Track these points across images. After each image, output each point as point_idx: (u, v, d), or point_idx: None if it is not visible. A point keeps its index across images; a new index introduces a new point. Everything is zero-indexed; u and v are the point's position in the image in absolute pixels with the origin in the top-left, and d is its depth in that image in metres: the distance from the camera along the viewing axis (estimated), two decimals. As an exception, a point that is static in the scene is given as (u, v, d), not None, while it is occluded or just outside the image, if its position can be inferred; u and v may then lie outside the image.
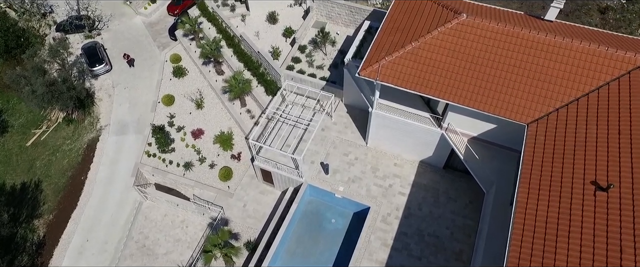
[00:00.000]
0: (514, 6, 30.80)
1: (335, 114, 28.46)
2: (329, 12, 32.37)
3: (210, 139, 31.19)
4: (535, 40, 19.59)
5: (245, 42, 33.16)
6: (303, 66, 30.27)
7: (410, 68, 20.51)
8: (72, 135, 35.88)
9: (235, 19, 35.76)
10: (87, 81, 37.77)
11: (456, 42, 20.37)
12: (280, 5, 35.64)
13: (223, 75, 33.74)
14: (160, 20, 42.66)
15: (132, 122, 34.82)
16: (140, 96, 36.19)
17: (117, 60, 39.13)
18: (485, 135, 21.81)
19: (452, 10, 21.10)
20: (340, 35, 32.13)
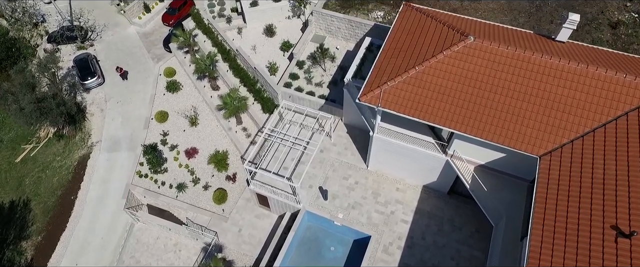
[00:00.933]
0: (521, 20, 29.53)
1: (334, 134, 27.22)
2: (328, 26, 31.12)
3: (205, 159, 29.96)
4: (548, 65, 18.32)
5: (241, 57, 31.94)
6: (301, 83, 29.03)
7: (414, 94, 19.27)
8: (62, 151, 34.68)
9: (232, 31, 34.52)
10: (78, 95, 36.57)
11: (463, 67, 19.12)
12: (278, 17, 34.41)
13: (218, 91, 32.52)
14: (155, 31, 41.48)
15: (125, 138, 33.63)
16: (134, 110, 35.00)
17: (110, 72, 37.95)
18: (493, 163, 20.57)
19: (458, 32, 19.84)
20: (340, 50, 30.89)
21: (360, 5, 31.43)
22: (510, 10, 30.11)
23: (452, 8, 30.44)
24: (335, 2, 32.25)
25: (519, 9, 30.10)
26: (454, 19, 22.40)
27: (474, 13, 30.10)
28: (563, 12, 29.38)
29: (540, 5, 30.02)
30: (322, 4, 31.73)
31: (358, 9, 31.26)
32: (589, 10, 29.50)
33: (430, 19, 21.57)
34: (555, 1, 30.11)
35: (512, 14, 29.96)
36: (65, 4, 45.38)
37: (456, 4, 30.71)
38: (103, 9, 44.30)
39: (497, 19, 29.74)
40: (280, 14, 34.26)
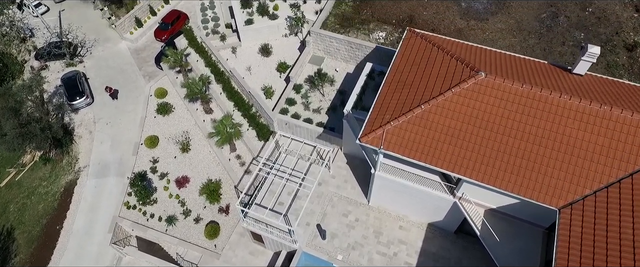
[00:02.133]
0: (531, 41, 27.85)
1: (333, 165, 25.58)
2: (326, 47, 29.48)
3: (196, 188, 28.33)
4: (567, 106, 16.68)
5: (235, 79, 30.33)
6: (298, 109, 27.40)
7: (420, 135, 17.63)
8: (49, 176, 33.08)
9: (226, 50, 32.89)
10: (66, 116, 35.03)
11: (473, 106, 17.48)
12: (274, 35, 32.79)
13: (211, 114, 30.89)
14: (147, 46, 39.86)
15: (114, 162, 32.02)
16: (123, 133, 33.40)
17: (99, 91, 36.36)
18: (506, 208, 18.93)
19: (467, 66, 18.19)
20: (339, 72, 29.25)
21: (360, 25, 29.78)
22: (519, 31, 28.44)
23: (457, 28, 28.80)
24: (335, 21, 30.60)
25: (529, 29, 28.43)
26: (460, 48, 20.76)
27: (481, 34, 28.45)
28: (576, 33, 27.84)
29: (551, 26, 28.34)
30: (320, 22, 30.07)
31: (358, 29, 29.60)
32: (603, 31, 27.83)
33: (437, 48, 19.93)
34: (567, 21, 28.43)
35: (522, 34, 28.29)
36: (55, 17, 43.98)
37: (462, 24, 29.05)
38: (94, 22, 42.74)
39: (505, 40, 28.09)
40: (276, 32, 32.65)
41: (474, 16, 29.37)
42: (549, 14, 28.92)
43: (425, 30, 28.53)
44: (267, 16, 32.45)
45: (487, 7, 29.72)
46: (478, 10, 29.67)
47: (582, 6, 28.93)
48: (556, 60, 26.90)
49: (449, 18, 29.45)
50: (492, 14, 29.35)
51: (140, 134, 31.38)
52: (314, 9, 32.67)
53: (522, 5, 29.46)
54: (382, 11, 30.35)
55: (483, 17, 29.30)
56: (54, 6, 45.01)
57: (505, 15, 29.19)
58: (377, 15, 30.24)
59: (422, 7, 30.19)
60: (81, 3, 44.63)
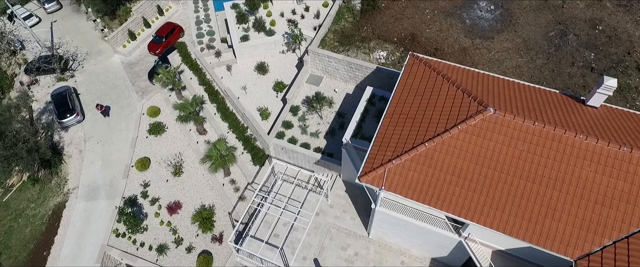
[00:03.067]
0: (539, 62, 26.62)
1: (332, 193, 24.35)
2: (325, 67, 28.26)
3: (189, 214, 27.10)
4: (583, 146, 15.45)
5: (230, 99, 29.12)
6: (295, 132, 26.18)
7: (424, 175, 16.41)
8: (37, 197, 31.85)
9: (220, 68, 31.69)
10: (56, 134, 33.82)
11: (481, 144, 16.25)
12: (271, 52, 31.60)
13: (205, 135, 29.66)
14: (140, 60, 38.65)
15: (104, 184, 30.78)
16: (114, 153, 32.16)
17: (91, 107, 35.14)
18: (515, 251, 17.71)
19: (474, 100, 16.96)
20: (338, 92, 28.03)
21: (360, 43, 28.57)
22: (526, 50, 27.20)
23: (462, 47, 27.58)
24: (334, 38, 29.42)
25: (536, 48, 27.20)
26: (466, 76, 19.54)
27: (486, 53, 27.22)
28: (585, 53, 26.60)
29: (560, 45, 27.12)
30: (318, 40, 28.87)
31: (358, 47, 28.39)
32: (614, 51, 26.60)
33: (441, 78, 18.70)
34: (576, 40, 27.20)
35: (529, 54, 27.06)
36: (46, 29, 42.80)
37: (467, 43, 27.83)
38: (87, 34, 41.58)
39: (512, 60, 26.86)
40: (273, 49, 31.46)
41: (479, 34, 28.15)
42: (557, 32, 27.70)
43: (428, 49, 27.56)
44: (263, 32, 31.26)
45: (493, 25, 28.50)
46: (483, 27, 28.45)
47: (592, 24, 27.71)
48: (565, 82, 25.68)
49: (453, 36, 28.24)
50: (498, 32, 28.13)
51: (131, 156, 30.16)
52: (312, 25, 31.50)
53: (529, 23, 28.23)
54: (383, 28, 29.14)
55: (488, 35, 28.07)
56: (46, 17, 43.90)
57: (512, 33, 27.97)
58: (378, 32, 29.03)
59: (425, 25, 28.97)
60: (74, 14, 43.52)
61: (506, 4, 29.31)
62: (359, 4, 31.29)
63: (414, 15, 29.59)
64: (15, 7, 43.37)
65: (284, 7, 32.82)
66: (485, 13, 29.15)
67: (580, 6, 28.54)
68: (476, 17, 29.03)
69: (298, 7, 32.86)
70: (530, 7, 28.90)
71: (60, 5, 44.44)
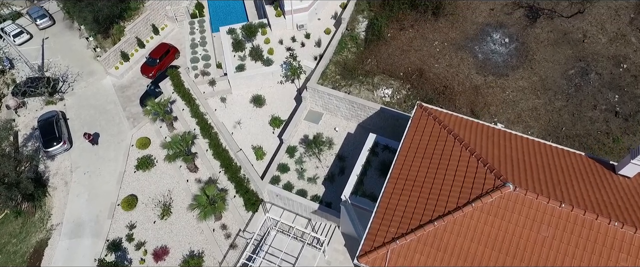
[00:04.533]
0: (558, 104, 24.45)
1: (330, 248, 22.42)
2: (325, 103, 26.29)
3: (176, 262, 25.20)
4: (618, 236, 13.36)
5: (223, 135, 27.24)
6: (291, 177, 24.24)
7: (432, 259, 14.40)
8: (19, 232, 30.10)
9: (214, 98, 29.81)
10: (41, 163, 32.08)
11: (498, 226, 14.22)
12: (269, 82, 29.69)
13: (196, 173, 27.74)
14: (133, 83, 36.84)
15: (89, 220, 28.98)
16: (101, 185, 30.34)
17: (79, 134, 33.33)
18: None
19: (491, 171, 14.91)
20: (339, 131, 26.04)
21: (364, 77, 26.54)
22: (544, 90, 25.05)
23: (473, 85, 25.48)
24: (335, 70, 27.41)
25: (555, 88, 25.04)
26: (479, 133, 17.51)
27: (500, 93, 25.10)
28: (609, 95, 24.43)
29: (581, 85, 24.96)
30: (319, 73, 26.88)
31: (361, 82, 26.36)
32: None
33: (453, 139, 16.67)
34: (599, 79, 25.03)
35: (547, 94, 24.90)
36: (38, 46, 41.12)
37: (479, 80, 25.73)
38: (78, 53, 39.85)
39: (528, 101, 24.72)
40: (271, 79, 29.54)
41: (492, 71, 26.04)
42: (577, 70, 25.53)
43: (436, 86, 25.50)
44: (260, 61, 29.33)
45: (507, 60, 26.37)
46: (497, 63, 26.33)
47: (616, 61, 25.53)
48: (586, 128, 23.52)
49: (464, 72, 26.15)
50: (513, 69, 26.00)
51: (117, 193, 28.34)
52: (312, 54, 29.54)
53: (547, 59, 26.08)
54: (389, 61, 27.09)
55: (503, 72, 25.95)
56: (37, 33, 42.21)
57: (528, 70, 25.83)
58: (383, 65, 26.98)
59: (434, 59, 26.90)
60: (66, 31, 41.80)
61: (522, 37, 27.18)
62: (363, 33, 29.28)
63: (422, 47, 27.52)
64: (7, 23, 41.79)
65: (284, 34, 30.89)
66: (499, 47, 27.04)
67: (602, 41, 26.37)
68: (489, 51, 26.92)
69: (298, 34, 30.91)
70: (547, 41, 26.75)
71: (53, 20, 42.73)
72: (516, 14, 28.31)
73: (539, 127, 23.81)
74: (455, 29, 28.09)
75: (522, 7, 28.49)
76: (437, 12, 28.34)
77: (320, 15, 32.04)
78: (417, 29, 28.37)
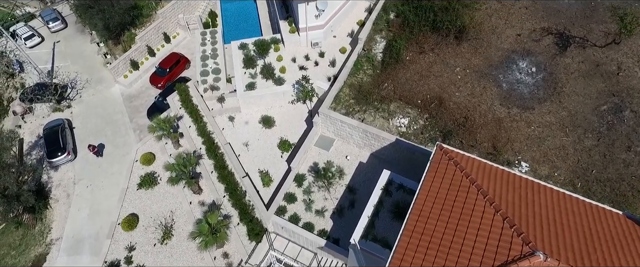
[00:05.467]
0: (588, 143, 22.70)
1: (335, 288, 21.09)
2: (337, 130, 24.96)
3: (175, 289, 24.22)
4: (663, 323, 11.78)
5: (230, 156, 26.11)
6: (298, 208, 22.99)
7: None
8: (18, 244, 29.43)
9: (222, 117, 28.72)
10: (44, 173, 31.42)
11: (525, 301, 12.71)
12: (279, 102, 28.47)
13: (200, 195, 26.63)
14: (141, 93, 36.01)
15: (89, 237, 28.15)
16: (104, 200, 29.51)
17: (85, 144, 32.56)
18: None
19: (518, 235, 13.40)
20: (350, 160, 24.69)
21: (379, 103, 25.12)
22: (573, 127, 23.31)
23: (496, 117, 23.86)
24: (349, 94, 26.05)
25: (585, 125, 23.28)
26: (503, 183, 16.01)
27: (524, 128, 23.44)
28: (645, 137, 22.59)
29: (613, 123, 23.15)
30: (332, 96, 25.54)
31: (376, 109, 24.95)
32: (679, 135, 22.53)
33: (476, 190, 15.19)
34: (634, 118, 23.19)
35: (576, 132, 23.16)
36: (48, 50, 40.62)
37: (502, 112, 24.10)
38: (89, 58, 39.24)
39: (555, 139, 23.02)
40: (281, 99, 28.33)
41: (517, 103, 24.38)
42: (610, 106, 23.74)
43: (456, 117, 24.00)
44: (272, 80, 28.12)
45: (534, 92, 24.69)
46: (522, 94, 24.67)
47: (653, 98, 23.68)
48: (619, 172, 21.75)
49: (487, 102, 24.55)
50: (540, 102, 24.31)
51: (118, 211, 27.39)
52: (326, 74, 28.25)
53: (577, 92, 24.33)
54: (406, 86, 25.64)
55: (528, 104, 24.28)
56: (49, 36, 41.74)
57: (556, 104, 24.11)
58: (400, 91, 25.54)
59: (454, 86, 25.36)
60: (78, 35, 41.23)
61: (550, 66, 25.46)
62: (380, 54, 27.86)
63: (442, 73, 26.00)
64: (19, 25, 41.40)
65: (297, 51, 29.64)
66: (525, 76, 25.36)
67: (639, 75, 24.51)
68: (514, 80, 25.27)
69: (312, 52, 29.63)
70: (578, 72, 24.99)
71: (66, 24, 42.23)
72: (545, 41, 26.59)
73: (567, 168, 22.11)
74: (478, 54, 26.50)
75: (552, 33, 26.76)
76: (460, 36, 26.79)
77: (336, 32, 30.72)
78: (438, 53, 26.86)
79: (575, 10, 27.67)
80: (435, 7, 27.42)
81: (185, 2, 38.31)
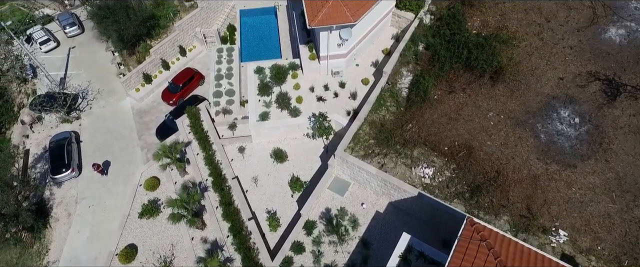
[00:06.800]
0: (638, 213, 19.99)
1: None
2: (354, 174, 22.91)
3: None
4: None
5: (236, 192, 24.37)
6: (306, 260, 21.05)
7: None
8: (15, 263, 28.41)
9: (232, 145, 27.03)
10: (47, 189, 30.37)
11: None
12: (294, 134, 26.58)
13: (203, 231, 24.97)
14: (152, 109, 34.65)
15: (87, 262, 26.94)
16: (105, 223, 28.25)
17: (91, 159, 31.42)
18: None
19: None
20: (366, 208, 22.58)
21: (401, 147, 22.93)
22: (621, 192, 20.61)
23: (532, 174, 21.37)
24: (369, 132, 23.93)
25: (635, 191, 20.54)
26: None
27: (564, 189, 20.89)
28: None
29: (668, 190, 20.40)
30: (350, 136, 23.46)
31: (398, 153, 22.77)
32: None
33: (512, 287, 12.96)
34: (692, 185, 20.39)
35: (624, 198, 20.47)
36: (63, 56, 39.71)
37: (539, 168, 21.58)
38: (103, 67, 38.15)
39: (599, 204, 20.40)
40: (296, 131, 26.44)
41: (556, 158, 21.83)
42: (665, 169, 20.98)
43: (487, 170, 21.63)
44: (287, 110, 26.24)
45: (576, 147, 22.08)
46: (563, 149, 22.09)
47: None
48: (673, 250, 19.02)
49: (522, 155, 22.07)
50: (583, 159, 21.69)
51: (117, 240, 25.94)
52: (345, 107, 26.23)
53: (627, 151, 21.61)
54: (432, 129, 23.36)
55: (569, 161, 21.70)
56: (65, 40, 40.85)
57: (602, 163, 21.46)
58: (425, 134, 23.28)
59: (486, 133, 22.96)
60: (94, 41, 40.13)
61: (596, 118, 22.80)
62: (405, 89, 25.67)
63: (473, 117, 23.63)
64: (35, 29, 40.63)
65: (316, 80, 27.70)
66: (567, 128, 22.77)
67: (699, 135, 21.66)
68: (554, 131, 22.71)
69: (332, 81, 27.64)
70: (629, 127, 22.26)
71: (83, 29, 41.30)
72: (591, 87, 23.92)
73: (612, 241, 19.50)
74: (514, 98, 24.02)
75: (599, 79, 24.07)
76: (496, 76, 24.36)
77: (359, 60, 28.66)
78: (470, 93, 24.49)
79: (628, 53, 24.88)
80: (470, 42, 25.05)
81: (204, 15, 36.79)
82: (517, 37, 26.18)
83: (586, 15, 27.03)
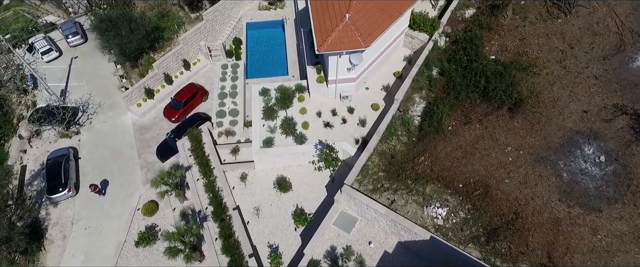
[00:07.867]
0: (668, 263, 18.49)
1: None
2: (362, 211, 21.54)
3: None
4: None
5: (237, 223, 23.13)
6: (308, 304, 19.74)
7: None
8: (8, 286, 27.45)
9: (235, 172, 25.78)
10: (43, 208, 29.36)
11: None
12: (299, 161, 25.30)
13: (201, 262, 23.78)
14: (154, 125, 33.52)
15: (80, 290, 25.89)
16: (101, 248, 27.13)
17: (88, 178, 30.38)
18: None
19: None
20: (373, 248, 21.20)
21: (413, 182, 21.52)
22: (650, 241, 19.08)
23: (553, 217, 19.86)
24: (379, 164, 22.55)
25: (666, 240, 19.00)
26: None
27: (588, 236, 19.35)
28: None
29: (703, 241, 18.78)
30: (358, 167, 22.08)
31: (409, 189, 21.37)
32: None
33: None
34: None
35: (654, 247, 18.93)
36: (65, 66, 38.81)
37: (561, 211, 20.05)
38: (104, 78, 37.19)
39: (628, 254, 18.84)
40: (301, 158, 25.12)
41: (579, 200, 20.29)
42: (699, 217, 19.36)
43: (504, 211, 20.18)
44: (292, 137, 24.96)
45: (602, 188, 20.52)
46: (587, 190, 20.54)
47: None
48: None
49: (542, 196, 20.57)
50: (609, 202, 20.12)
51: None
52: (354, 135, 24.88)
53: (657, 195, 20.04)
54: (446, 164, 21.92)
55: (594, 204, 20.15)
56: (67, 50, 39.98)
57: (630, 208, 19.89)
58: (438, 169, 21.84)
59: (504, 170, 21.47)
60: (96, 51, 39.13)
61: (624, 156, 21.23)
62: (418, 118, 24.25)
63: (490, 151, 22.15)
64: (38, 38, 39.75)
65: (323, 103, 26.39)
66: (592, 167, 21.21)
67: None
68: (578, 170, 21.17)
69: (340, 105, 26.31)
70: (659, 168, 20.70)
71: (86, 38, 40.44)
72: (618, 122, 22.34)
73: (641, 297, 17.99)
74: (535, 132, 22.51)
75: (627, 113, 22.49)
76: (515, 107, 22.87)
77: (369, 83, 27.29)
78: (487, 125, 23.01)
79: (658, 86, 23.30)
80: (488, 70, 23.58)
81: (209, 27, 35.62)
82: (538, 64, 24.71)
83: (612, 42, 25.45)
